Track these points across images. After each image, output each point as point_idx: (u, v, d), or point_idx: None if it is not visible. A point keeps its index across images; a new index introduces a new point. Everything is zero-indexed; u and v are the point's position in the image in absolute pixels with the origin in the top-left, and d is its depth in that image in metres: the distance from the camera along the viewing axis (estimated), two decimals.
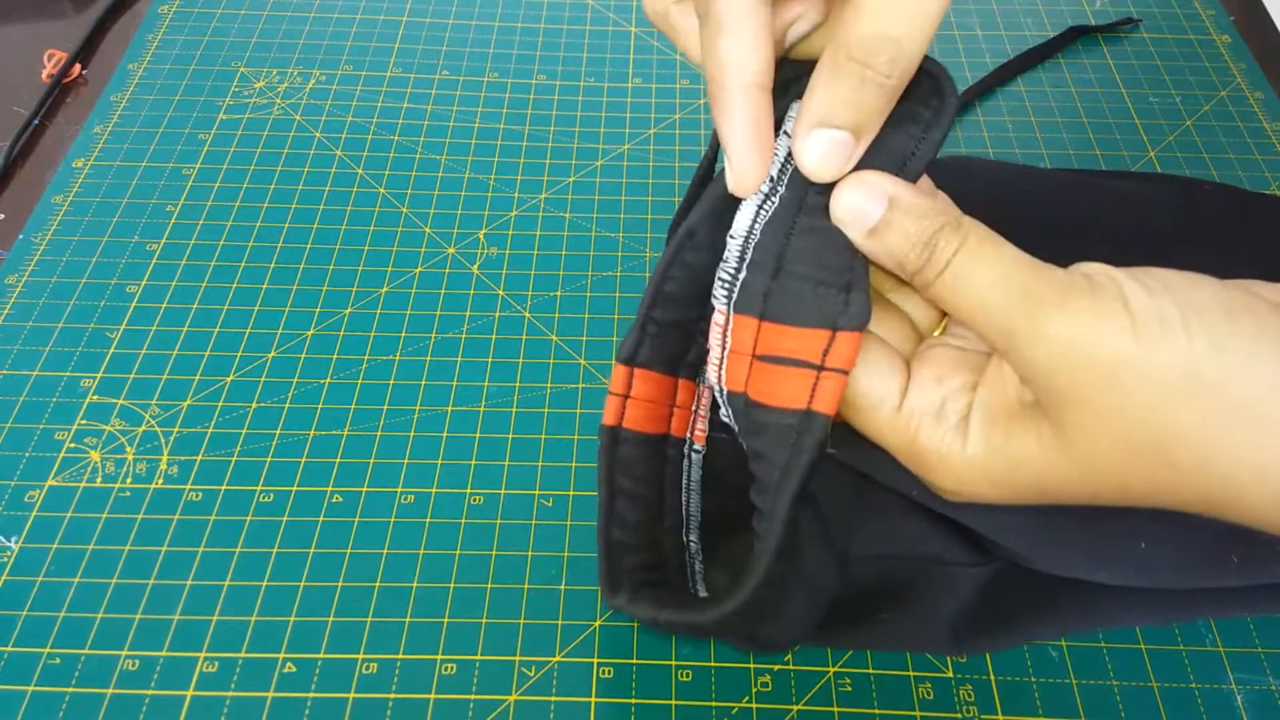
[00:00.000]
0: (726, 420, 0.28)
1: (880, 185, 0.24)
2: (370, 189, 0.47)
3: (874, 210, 0.24)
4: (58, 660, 0.32)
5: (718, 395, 0.28)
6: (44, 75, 0.52)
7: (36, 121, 0.50)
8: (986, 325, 0.23)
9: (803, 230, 0.25)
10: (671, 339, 0.29)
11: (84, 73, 0.53)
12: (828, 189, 0.25)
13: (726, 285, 0.26)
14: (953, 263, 0.23)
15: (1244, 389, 0.20)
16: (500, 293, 0.43)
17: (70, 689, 0.32)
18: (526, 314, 0.42)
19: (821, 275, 0.25)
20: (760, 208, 0.25)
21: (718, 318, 0.26)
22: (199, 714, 0.31)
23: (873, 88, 0.23)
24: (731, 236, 0.26)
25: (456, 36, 0.55)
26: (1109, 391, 0.21)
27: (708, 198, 0.27)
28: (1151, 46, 0.55)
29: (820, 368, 0.24)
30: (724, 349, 0.26)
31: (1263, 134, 0.50)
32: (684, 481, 0.31)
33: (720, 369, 0.27)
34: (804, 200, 0.25)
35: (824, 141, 0.23)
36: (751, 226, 0.25)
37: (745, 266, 0.26)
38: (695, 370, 0.30)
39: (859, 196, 0.24)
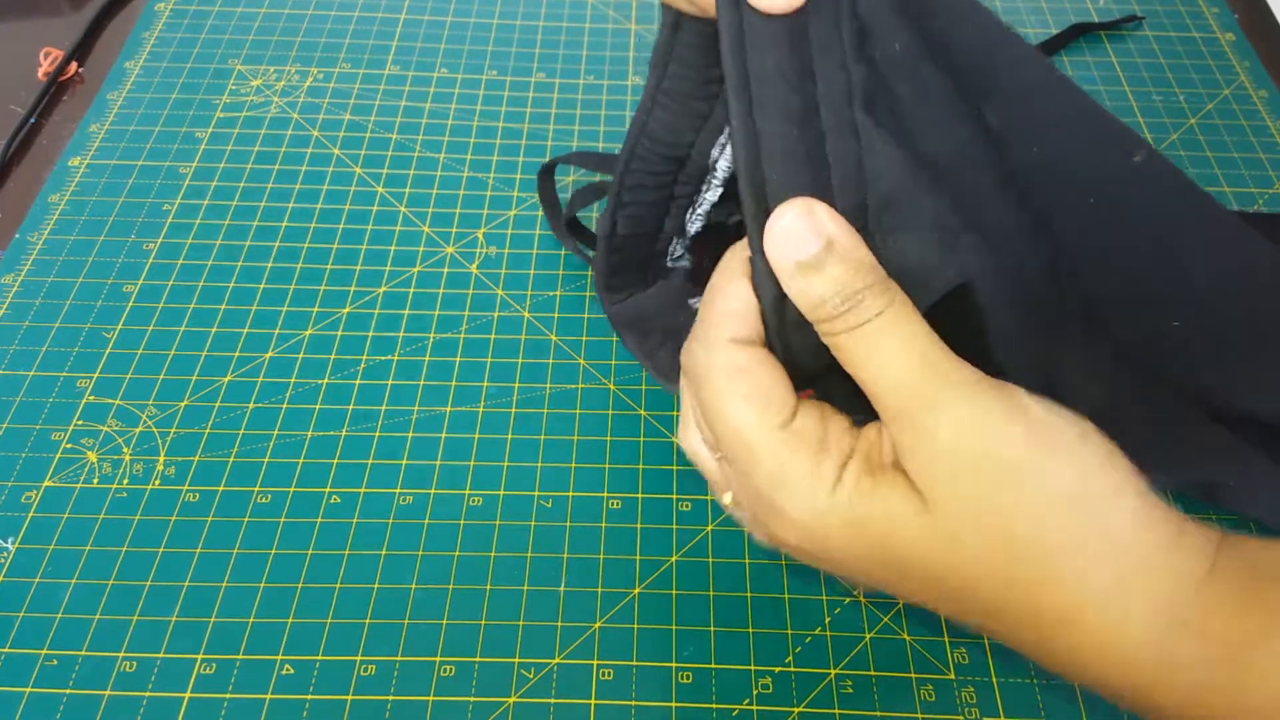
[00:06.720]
0: None
1: (823, 221, 0.23)
2: (368, 188, 0.47)
3: (810, 244, 0.23)
4: (55, 661, 0.32)
5: None
6: (40, 73, 0.51)
7: (32, 120, 0.50)
8: (881, 397, 0.23)
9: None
10: None
11: (80, 71, 0.53)
12: None
13: None
14: (869, 325, 0.23)
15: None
16: (499, 292, 0.43)
17: (68, 690, 0.32)
18: (526, 314, 0.42)
19: None
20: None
21: None
22: (197, 716, 0.31)
23: None
24: None
25: (455, 34, 0.54)
26: (994, 492, 0.22)
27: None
28: (1155, 44, 0.55)
29: None
30: None
31: (1266, 132, 0.50)
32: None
33: None
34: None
35: None
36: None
37: None
38: None
39: (801, 225, 0.23)
